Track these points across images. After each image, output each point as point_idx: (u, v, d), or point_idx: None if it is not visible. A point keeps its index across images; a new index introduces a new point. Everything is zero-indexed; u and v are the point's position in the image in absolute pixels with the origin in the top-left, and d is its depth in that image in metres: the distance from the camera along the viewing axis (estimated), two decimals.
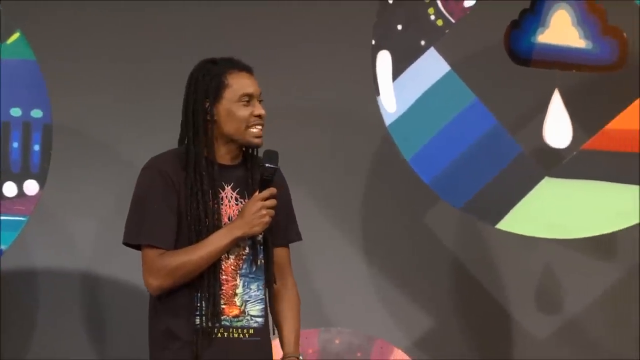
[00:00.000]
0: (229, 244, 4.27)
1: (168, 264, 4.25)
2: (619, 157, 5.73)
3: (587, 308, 6.58)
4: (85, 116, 6.35)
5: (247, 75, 4.37)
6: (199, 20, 6.46)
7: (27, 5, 5.97)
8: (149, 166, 4.35)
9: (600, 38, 5.72)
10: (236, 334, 4.32)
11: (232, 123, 4.31)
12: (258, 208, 4.25)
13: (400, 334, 6.39)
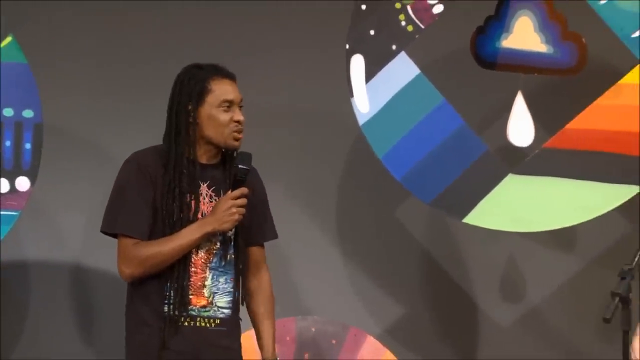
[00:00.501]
0: (199, 238, 4.31)
1: (141, 253, 4.34)
2: (578, 155, 5.74)
3: (549, 297, 6.61)
4: (74, 116, 6.34)
5: (230, 82, 4.45)
6: (182, 25, 6.46)
7: (18, 10, 5.96)
8: (130, 160, 4.43)
9: (560, 43, 5.73)
10: (203, 323, 4.37)
11: (212, 126, 4.38)
12: (228, 206, 4.31)
13: (372, 322, 6.38)
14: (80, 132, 6.39)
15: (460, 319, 6.66)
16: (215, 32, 6.26)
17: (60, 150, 6.02)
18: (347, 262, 6.64)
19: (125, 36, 6.45)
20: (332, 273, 6.55)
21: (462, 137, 5.77)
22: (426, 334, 6.60)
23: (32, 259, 6.50)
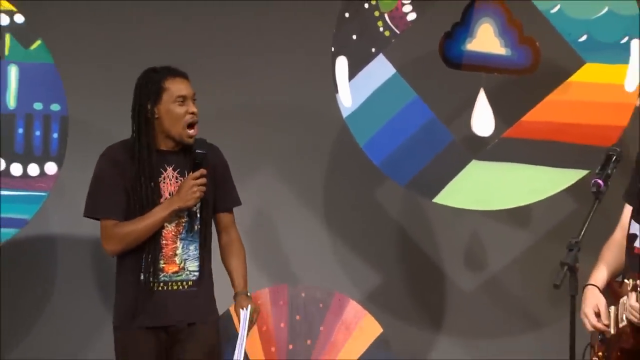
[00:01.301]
0: (168, 215, 4.44)
1: (119, 232, 4.46)
2: (532, 143, 5.74)
3: (506, 267, 6.62)
4: (95, 109, 6.34)
5: (182, 80, 4.54)
6: (184, 30, 6.44)
7: (46, 17, 5.95)
8: (103, 154, 4.71)
9: (517, 46, 5.72)
10: (176, 286, 4.50)
11: (170, 119, 4.51)
12: (190, 185, 4.46)
13: (354, 288, 6.39)
14: (100, 124, 6.36)
15: (430, 285, 6.66)
16: (216, 37, 6.25)
17: (83, 139, 5.98)
18: (332, 237, 6.64)
19: (137, 40, 6.44)
20: (319, 247, 6.56)
21: (432, 128, 5.76)
22: (400, 298, 6.61)
23: (58, 233, 6.51)
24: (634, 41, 5.57)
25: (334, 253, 6.63)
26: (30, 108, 5.51)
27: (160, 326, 4.42)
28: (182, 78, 4.52)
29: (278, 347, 5.48)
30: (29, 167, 5.48)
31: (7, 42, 5.47)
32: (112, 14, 6.44)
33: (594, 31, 5.61)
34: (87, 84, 6.16)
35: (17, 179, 5.46)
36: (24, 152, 5.49)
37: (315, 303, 5.58)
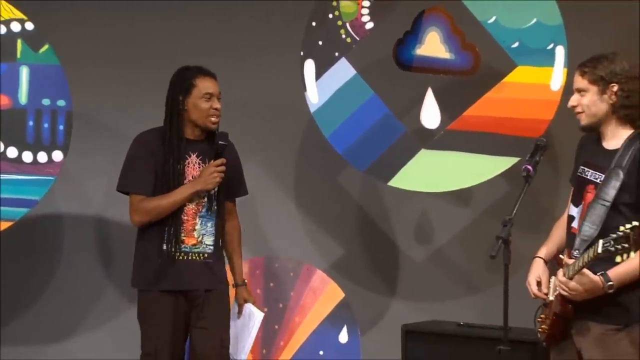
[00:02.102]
0: (189, 195, 4.44)
1: (146, 206, 4.43)
2: (473, 134, 5.74)
3: (451, 240, 6.62)
4: (97, 105, 6.33)
5: (210, 79, 4.50)
6: (179, 35, 6.43)
7: (53, 25, 5.92)
8: (136, 138, 4.66)
9: (460, 51, 5.73)
10: (194, 257, 4.48)
11: (196, 112, 4.47)
12: (211, 171, 4.44)
13: (320, 259, 6.40)
14: (101, 117, 6.39)
15: (386, 256, 6.66)
16: (203, 42, 6.23)
17: (85, 131, 6.01)
18: (302, 215, 6.65)
19: (132, 44, 6.43)
20: (291, 224, 6.56)
21: (387, 121, 5.76)
22: (360, 268, 6.62)
23: (64, 212, 6.51)
24: (558, 47, 5.58)
25: (304, 229, 6.64)
26: (39, 104, 5.50)
27: (179, 290, 4.42)
28: (211, 77, 4.52)
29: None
30: (38, 154, 5.47)
31: (19, 47, 5.46)
32: (110, 22, 6.44)
33: (524, 38, 5.61)
34: (89, 82, 6.13)
35: (28, 165, 5.45)
36: (34, 142, 5.48)
37: (287, 272, 5.57)
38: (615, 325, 3.80)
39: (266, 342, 5.45)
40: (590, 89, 3.86)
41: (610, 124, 3.87)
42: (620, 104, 3.82)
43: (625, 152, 3.80)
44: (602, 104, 3.85)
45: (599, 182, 3.83)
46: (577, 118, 3.91)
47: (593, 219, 3.79)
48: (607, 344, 3.80)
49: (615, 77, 3.82)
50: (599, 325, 3.81)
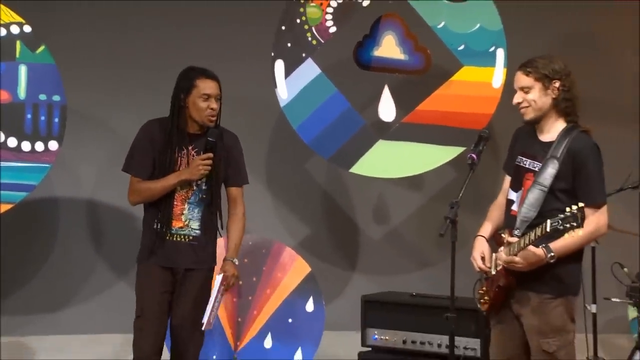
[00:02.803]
0: (177, 182, 4.37)
1: (140, 187, 4.42)
2: (424, 127, 5.76)
3: (404, 220, 6.68)
4: (88, 100, 6.29)
5: (211, 81, 4.44)
6: (169, 35, 6.41)
7: (49, 28, 5.86)
8: (143, 126, 4.53)
9: (413, 53, 5.76)
10: (179, 238, 4.42)
11: (195, 110, 4.41)
12: (197, 164, 4.37)
13: (289, 238, 6.41)
14: (92, 111, 6.36)
15: (347, 235, 6.72)
16: (189, 46, 6.21)
17: (78, 123, 5.97)
18: (273, 198, 6.68)
19: (122, 45, 6.41)
20: (263, 206, 6.54)
21: (349, 115, 5.78)
22: (324, 245, 6.66)
23: (59, 196, 6.48)
24: (499, 50, 5.63)
25: (274, 211, 6.67)
26: (36, 98, 5.47)
27: (167, 267, 4.39)
28: (212, 80, 4.42)
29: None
30: (36, 144, 5.45)
31: (18, 47, 5.43)
32: (100, 26, 6.42)
33: (469, 42, 5.66)
34: (81, 79, 6.09)
35: (26, 154, 5.43)
36: (32, 132, 5.45)
37: (259, 249, 5.53)
38: (552, 295, 3.84)
39: (241, 312, 5.44)
40: (535, 85, 3.90)
41: (550, 117, 3.92)
42: (562, 98, 3.89)
43: (560, 144, 3.85)
44: (546, 99, 3.90)
45: (536, 170, 3.87)
46: (522, 113, 3.94)
47: (532, 202, 3.83)
48: (545, 311, 3.85)
49: (557, 75, 3.88)
50: (538, 295, 3.85)
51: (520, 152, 3.99)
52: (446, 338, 4.10)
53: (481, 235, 4.05)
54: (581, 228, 3.60)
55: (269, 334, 5.46)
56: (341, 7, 5.75)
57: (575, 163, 3.80)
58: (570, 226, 3.60)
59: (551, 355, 3.83)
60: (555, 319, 3.84)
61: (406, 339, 4.80)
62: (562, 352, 3.84)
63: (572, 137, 3.84)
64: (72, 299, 6.46)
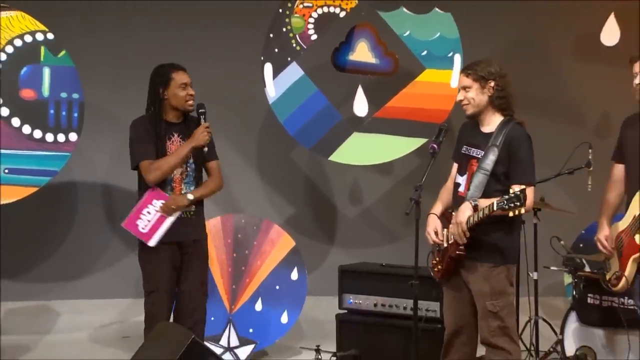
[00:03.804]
0: (188, 150, 4.30)
1: (157, 165, 4.29)
2: (393, 121, 5.77)
3: (376, 201, 6.69)
4: (102, 96, 6.25)
5: (183, 72, 4.41)
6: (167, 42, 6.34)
7: (69, 35, 5.82)
8: (133, 123, 4.44)
9: (383, 57, 5.76)
10: (183, 214, 4.36)
11: (175, 100, 4.35)
12: (202, 131, 4.31)
13: (277, 216, 6.39)
14: (106, 107, 6.33)
15: (326, 214, 6.72)
16: (187, 48, 6.13)
17: (94, 117, 5.94)
18: (262, 182, 6.66)
19: (132, 49, 6.37)
20: (254, 188, 6.56)
21: (328, 111, 5.78)
22: (307, 223, 6.66)
23: (77, 180, 6.46)
24: (456, 55, 5.65)
25: (264, 193, 6.66)
26: (58, 96, 5.44)
27: (173, 241, 4.33)
28: (184, 71, 4.39)
29: (227, 255, 5.44)
30: (58, 135, 5.42)
31: (42, 52, 5.41)
32: (114, 33, 6.39)
33: (431, 48, 5.68)
34: (97, 80, 6.06)
35: (49, 144, 5.39)
36: (54, 125, 5.42)
37: (251, 226, 5.51)
38: (495, 264, 3.89)
39: (235, 280, 5.42)
40: (474, 85, 3.94)
41: (488, 112, 3.97)
42: (497, 96, 3.93)
43: (499, 134, 3.90)
44: (483, 96, 3.94)
45: (479, 157, 3.92)
46: (464, 109, 3.99)
47: (477, 185, 3.87)
48: (489, 277, 3.89)
49: (492, 76, 3.92)
50: (483, 264, 3.90)
51: (466, 142, 4.03)
52: (411, 302, 4.13)
53: (433, 213, 4.07)
54: (524, 206, 3.64)
55: (259, 299, 5.46)
56: (321, 18, 5.75)
57: (511, 150, 3.85)
58: (514, 205, 3.64)
59: (495, 314, 3.88)
60: (498, 284, 3.89)
61: (377, 303, 4.81)
62: (504, 311, 3.90)
63: (508, 128, 3.89)
64: (89, 269, 6.46)
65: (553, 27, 6.53)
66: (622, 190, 3.98)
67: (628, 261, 3.77)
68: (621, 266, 3.81)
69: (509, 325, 3.92)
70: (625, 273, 3.78)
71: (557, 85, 6.55)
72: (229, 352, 5.35)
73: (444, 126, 4.07)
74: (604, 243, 3.89)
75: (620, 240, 3.82)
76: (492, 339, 3.90)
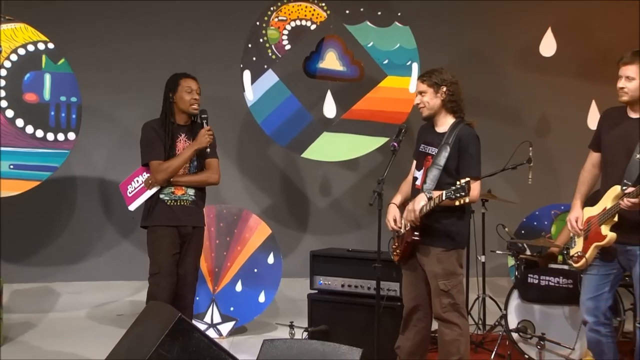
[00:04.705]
0: (192, 152, 4.34)
1: (165, 166, 4.32)
2: (358, 122, 5.77)
3: (343, 193, 6.68)
4: (99, 100, 6.21)
5: (191, 80, 4.45)
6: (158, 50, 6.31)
7: (67, 45, 5.76)
8: (145, 125, 4.42)
9: (350, 65, 5.76)
10: (182, 202, 4.37)
11: (182, 102, 4.39)
12: (204, 134, 4.34)
13: (255, 207, 6.37)
14: (102, 109, 6.27)
15: (299, 204, 6.70)
16: (181, 56, 6.08)
17: (91, 118, 5.89)
18: (242, 176, 6.63)
19: (125, 57, 6.31)
20: (235, 181, 6.51)
21: (300, 112, 5.77)
22: (282, 212, 6.64)
23: (76, 175, 6.40)
24: (414, 64, 5.68)
25: (244, 186, 6.63)
26: (58, 99, 5.40)
27: (174, 225, 4.34)
28: (192, 79, 4.43)
29: (210, 242, 5.41)
30: (58, 135, 5.38)
31: (44, 60, 5.37)
32: (109, 42, 6.32)
33: (392, 57, 5.69)
34: (93, 84, 6.00)
35: (51, 142, 5.36)
36: (55, 126, 5.38)
37: (232, 216, 5.50)
38: (446, 248, 3.92)
39: (218, 264, 5.41)
40: (429, 90, 3.97)
41: (441, 114, 4.00)
42: (448, 100, 3.95)
43: (450, 134, 3.93)
44: (437, 100, 3.97)
45: (434, 154, 3.95)
46: (420, 111, 4.02)
47: (431, 178, 3.89)
48: (442, 260, 3.92)
49: (444, 82, 3.95)
50: (436, 248, 3.92)
51: (423, 141, 4.07)
52: (374, 282, 4.12)
53: (393, 203, 4.09)
54: (468, 196, 3.67)
55: (240, 280, 5.46)
56: (294, 30, 5.74)
57: (461, 147, 3.88)
58: (460, 195, 3.68)
59: (447, 292, 3.91)
60: (449, 265, 3.92)
61: (344, 284, 4.81)
62: (454, 290, 3.93)
63: (459, 128, 3.92)
64: (88, 254, 6.41)
65: (498, 40, 6.59)
66: (596, 175, 3.93)
67: (591, 246, 3.79)
68: (584, 248, 3.83)
69: (459, 302, 3.95)
70: (586, 255, 3.80)
71: (501, 91, 6.60)
72: (212, 328, 5.35)
73: (403, 126, 4.08)
74: (573, 223, 3.90)
75: (589, 225, 3.83)
76: (444, 314, 3.93)
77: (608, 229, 3.74)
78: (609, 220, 3.74)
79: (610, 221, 3.73)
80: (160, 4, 6.36)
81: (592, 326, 3.84)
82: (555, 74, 6.48)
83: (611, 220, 3.73)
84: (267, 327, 5.55)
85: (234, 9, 6.34)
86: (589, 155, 3.99)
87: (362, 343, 3.30)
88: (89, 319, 5.91)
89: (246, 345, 5.10)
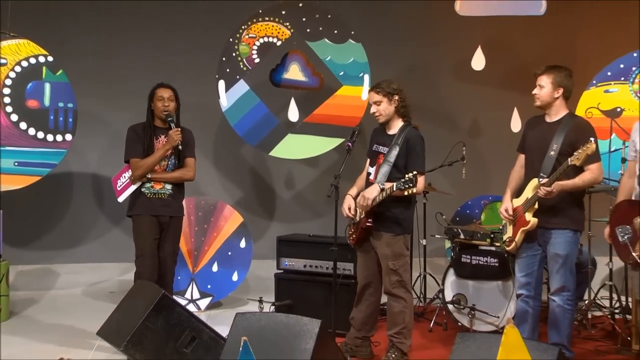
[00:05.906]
0: (164, 151, 4.33)
1: (140, 163, 4.36)
2: (318, 125, 5.74)
3: (307, 186, 6.65)
4: (92, 106, 6.08)
5: (164, 89, 4.46)
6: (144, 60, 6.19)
7: (65, 58, 5.66)
8: (130, 128, 4.45)
9: (311, 76, 5.75)
10: (160, 195, 4.37)
11: (156, 109, 4.41)
12: (172, 135, 4.33)
13: (229, 198, 6.30)
14: (96, 114, 6.16)
15: (267, 196, 6.63)
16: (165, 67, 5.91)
17: (86, 122, 5.80)
18: (218, 172, 6.56)
19: (116, 69, 6.21)
20: (211, 177, 6.44)
21: (268, 117, 5.74)
22: (252, 203, 6.57)
23: (73, 171, 6.29)
24: (365, 75, 5.69)
25: (219, 180, 6.56)
26: (56, 105, 5.37)
27: (154, 215, 4.32)
28: (165, 88, 4.42)
29: (190, 229, 5.38)
30: (56, 136, 5.36)
31: (44, 71, 5.36)
32: (102, 55, 6.21)
33: (347, 70, 5.70)
34: (87, 92, 5.88)
35: (50, 142, 5.34)
36: (54, 128, 5.35)
37: (209, 206, 5.50)
38: (395, 233, 3.97)
39: (197, 248, 5.39)
40: (384, 100, 3.99)
41: (394, 119, 4.03)
42: (400, 106, 3.98)
43: (400, 135, 3.97)
44: (391, 107, 3.99)
45: (385, 153, 3.98)
46: (377, 119, 4.04)
47: (383, 173, 3.93)
48: (391, 244, 3.96)
49: (395, 91, 3.99)
50: (387, 233, 3.97)
51: (375, 142, 4.11)
52: (331, 263, 4.14)
53: (349, 194, 4.11)
54: (415, 187, 3.69)
55: (216, 262, 5.44)
56: (262, 46, 5.72)
57: (408, 147, 3.93)
58: (408, 186, 3.73)
59: (395, 271, 3.95)
60: (397, 248, 3.96)
61: (306, 265, 4.82)
62: (401, 269, 3.97)
63: (407, 130, 3.97)
64: (83, 240, 6.32)
65: (436, 55, 6.63)
66: (522, 174, 3.99)
67: (518, 231, 3.85)
68: (513, 233, 3.90)
69: (405, 280, 3.99)
70: (515, 239, 3.86)
71: (439, 98, 6.64)
72: (192, 303, 5.32)
73: (357, 129, 4.10)
74: (504, 213, 3.96)
75: (516, 213, 3.89)
76: (393, 289, 3.97)
77: (531, 215, 3.81)
78: (530, 207, 3.81)
79: (532, 208, 3.80)
80: (148, 23, 6.28)
81: (524, 298, 3.92)
82: (484, 85, 6.55)
83: (532, 208, 3.80)
84: (239, 302, 5.53)
85: (210, 27, 6.28)
86: (518, 157, 4.05)
87: (321, 315, 3.30)
88: (85, 296, 5.85)
89: (221, 317, 5.09)
